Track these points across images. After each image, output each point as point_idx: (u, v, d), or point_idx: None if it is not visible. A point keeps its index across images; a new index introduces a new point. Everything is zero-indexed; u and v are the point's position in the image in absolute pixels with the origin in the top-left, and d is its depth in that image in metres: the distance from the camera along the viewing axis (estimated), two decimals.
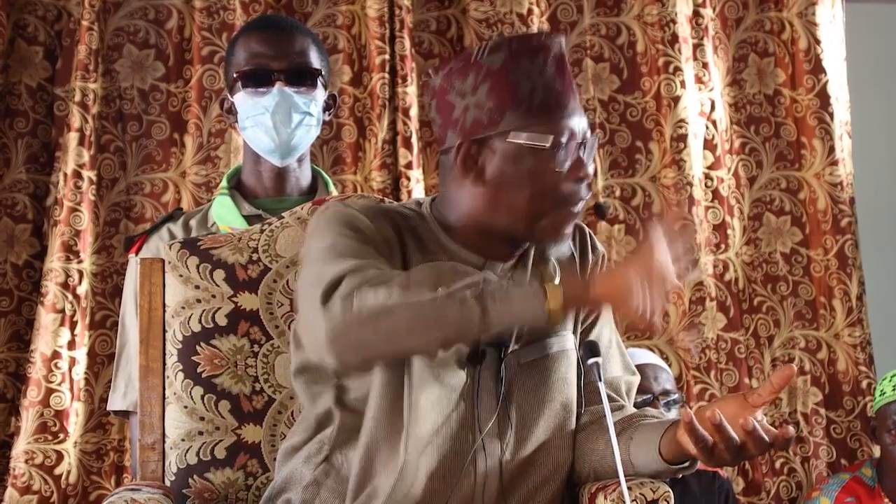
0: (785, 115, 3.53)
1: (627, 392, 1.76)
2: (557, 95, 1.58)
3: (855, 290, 3.43)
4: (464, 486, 1.59)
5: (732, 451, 1.45)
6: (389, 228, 1.60)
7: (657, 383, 2.91)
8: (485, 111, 1.57)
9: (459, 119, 1.59)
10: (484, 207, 1.60)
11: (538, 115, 1.56)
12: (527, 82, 1.57)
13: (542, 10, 3.41)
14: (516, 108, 1.56)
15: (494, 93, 1.56)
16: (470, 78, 1.58)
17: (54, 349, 2.95)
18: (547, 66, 1.58)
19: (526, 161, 1.56)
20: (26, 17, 3.18)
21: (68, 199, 3.02)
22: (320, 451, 1.63)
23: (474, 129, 1.58)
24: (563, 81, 1.59)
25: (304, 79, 2.20)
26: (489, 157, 1.58)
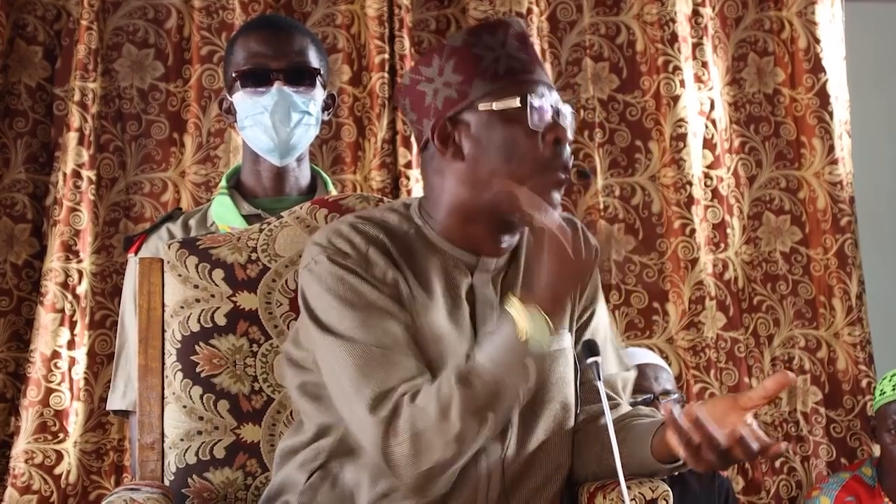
0: (784, 115, 3.53)
1: (623, 388, 1.76)
2: (522, 63, 1.60)
3: (855, 289, 3.42)
4: (465, 487, 1.59)
5: (716, 451, 1.43)
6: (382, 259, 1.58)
7: (657, 383, 2.91)
8: (453, 87, 1.59)
9: (431, 104, 1.60)
10: (467, 186, 1.60)
11: (505, 79, 1.58)
12: (490, 53, 1.59)
13: (542, 10, 3.41)
14: (482, 77, 1.58)
15: (459, 67, 1.59)
16: (434, 61, 1.61)
17: (54, 349, 2.95)
18: (508, 40, 1.61)
19: (499, 127, 1.57)
20: (26, 17, 3.18)
21: (68, 199, 3.02)
22: (316, 458, 1.62)
23: (446, 106, 1.59)
24: (526, 53, 1.62)
25: (303, 78, 2.20)
26: (464, 131, 1.59)
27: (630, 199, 3.40)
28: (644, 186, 3.40)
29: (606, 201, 3.38)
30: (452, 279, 1.62)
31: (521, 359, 1.47)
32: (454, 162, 1.60)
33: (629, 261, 3.24)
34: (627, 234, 3.38)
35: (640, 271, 3.37)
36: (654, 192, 3.39)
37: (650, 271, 3.37)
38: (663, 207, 3.38)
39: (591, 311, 1.75)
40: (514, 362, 1.48)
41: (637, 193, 3.40)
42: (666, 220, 3.38)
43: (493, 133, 1.57)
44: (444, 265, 1.62)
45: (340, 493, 1.59)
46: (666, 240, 3.37)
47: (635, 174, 3.41)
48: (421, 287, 1.59)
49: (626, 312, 3.31)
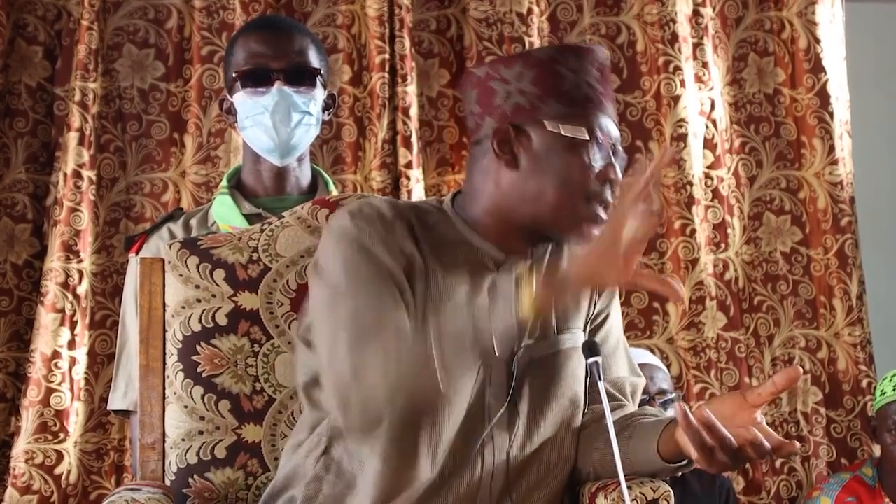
0: (785, 115, 3.53)
1: (632, 394, 1.77)
2: (598, 95, 1.62)
3: (855, 289, 3.42)
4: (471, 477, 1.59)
5: (729, 451, 1.43)
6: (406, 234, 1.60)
7: (653, 383, 2.91)
8: (527, 97, 1.60)
9: (501, 104, 1.62)
10: (512, 195, 1.62)
11: (579, 108, 1.60)
12: (572, 76, 1.60)
13: (542, 10, 3.41)
14: (558, 99, 1.59)
15: (539, 80, 1.60)
16: (516, 66, 1.62)
17: (54, 349, 2.95)
18: (592, 67, 1.62)
19: (560, 152, 1.59)
20: (26, 17, 3.18)
21: (68, 199, 3.02)
22: (319, 444, 1.63)
23: (515, 114, 1.61)
24: (604, 85, 1.64)
25: (304, 78, 2.20)
26: (525, 144, 1.60)
27: None
28: None
29: None
30: (477, 272, 1.63)
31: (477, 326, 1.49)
32: (506, 169, 1.61)
33: None
34: None
35: None
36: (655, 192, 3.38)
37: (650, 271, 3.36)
38: (664, 208, 3.38)
39: (606, 314, 1.76)
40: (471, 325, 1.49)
41: None
42: (666, 221, 3.38)
43: (552, 155, 1.59)
44: (471, 257, 1.64)
45: (345, 481, 1.60)
46: (666, 240, 3.37)
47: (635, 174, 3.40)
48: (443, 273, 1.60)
49: (626, 312, 3.31)
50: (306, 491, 1.61)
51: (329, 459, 1.62)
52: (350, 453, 1.60)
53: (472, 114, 1.67)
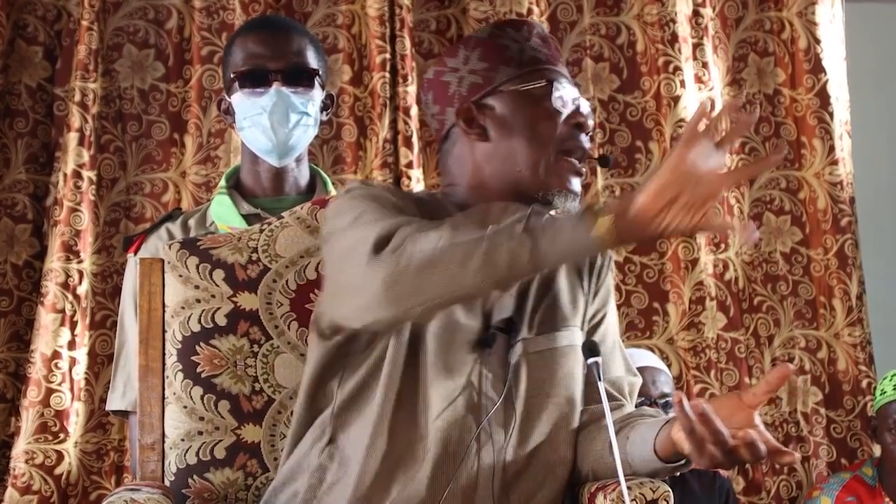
0: (785, 115, 3.53)
1: (630, 393, 1.77)
2: (546, 55, 1.67)
3: (855, 289, 3.43)
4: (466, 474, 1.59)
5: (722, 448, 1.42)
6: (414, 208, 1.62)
7: (655, 387, 2.91)
8: (479, 74, 1.65)
9: (456, 91, 1.66)
10: (489, 164, 1.64)
11: (530, 66, 1.65)
12: (515, 44, 1.66)
13: (542, 10, 3.41)
14: (508, 64, 1.65)
15: (486, 55, 1.65)
16: (460, 52, 1.67)
17: (54, 349, 2.95)
18: (532, 36, 1.68)
19: (524, 107, 1.63)
20: (26, 17, 3.18)
21: (68, 199, 3.02)
22: (323, 435, 1.63)
23: (471, 92, 1.65)
24: (549, 49, 1.68)
25: (302, 79, 2.20)
26: (489, 113, 1.64)
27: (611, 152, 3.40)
28: None
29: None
30: None
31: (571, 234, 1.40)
32: (477, 143, 1.64)
33: None
34: None
35: (641, 272, 3.37)
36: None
37: (650, 272, 3.37)
38: None
39: (603, 313, 1.76)
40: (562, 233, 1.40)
41: None
42: None
43: (517, 113, 1.63)
44: None
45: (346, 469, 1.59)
46: (666, 240, 3.37)
47: (636, 174, 3.41)
48: None
49: (626, 313, 3.31)
50: (310, 481, 1.61)
51: (333, 448, 1.61)
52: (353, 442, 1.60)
53: (433, 117, 1.71)
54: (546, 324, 1.67)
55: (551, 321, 1.67)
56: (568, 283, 1.71)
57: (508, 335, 1.64)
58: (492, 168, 1.64)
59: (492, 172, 1.64)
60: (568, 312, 1.69)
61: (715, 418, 1.41)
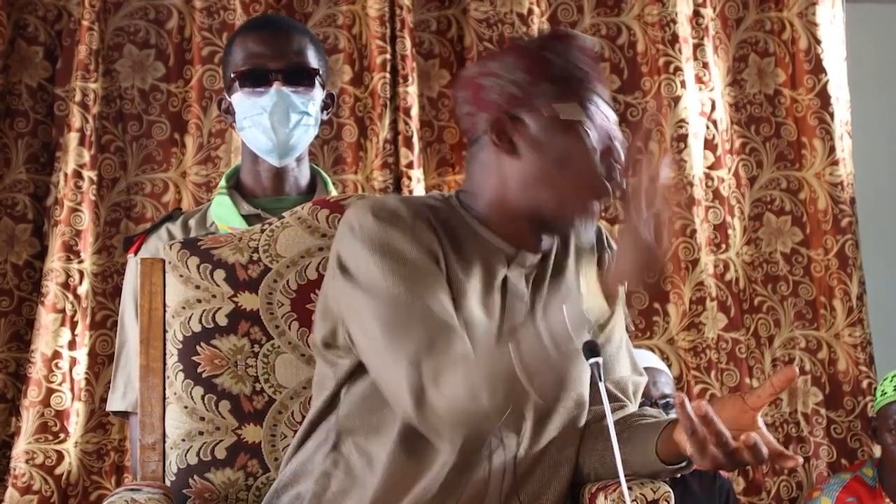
0: (785, 115, 3.53)
1: (634, 393, 1.77)
2: (591, 79, 1.63)
3: (855, 289, 3.43)
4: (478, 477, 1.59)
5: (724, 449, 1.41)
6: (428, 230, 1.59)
7: (655, 388, 2.91)
8: (519, 86, 1.61)
9: (494, 99, 1.62)
10: (515, 183, 1.61)
11: (570, 89, 1.61)
12: (561, 62, 1.62)
13: (543, 10, 3.41)
14: (550, 83, 1.60)
15: (530, 69, 1.61)
16: (505, 59, 1.63)
17: (55, 349, 2.95)
18: (581, 55, 1.64)
19: (558, 133, 1.59)
20: (26, 17, 3.18)
21: (69, 199, 3.02)
22: (327, 440, 1.63)
23: (509, 104, 1.61)
24: (596, 71, 1.64)
25: (302, 78, 2.19)
26: (522, 130, 1.61)
27: None
28: None
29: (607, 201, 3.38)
30: (490, 266, 1.63)
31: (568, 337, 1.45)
32: (507, 158, 1.62)
33: None
34: None
35: None
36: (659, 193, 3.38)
37: None
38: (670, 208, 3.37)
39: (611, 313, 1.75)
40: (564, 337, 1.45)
41: None
42: None
43: (550, 136, 1.59)
44: (483, 251, 1.63)
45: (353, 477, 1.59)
46: None
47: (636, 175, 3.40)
48: (460, 268, 1.60)
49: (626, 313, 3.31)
50: (315, 487, 1.61)
51: (338, 455, 1.61)
52: (360, 450, 1.60)
53: (465, 115, 1.67)
54: None
55: None
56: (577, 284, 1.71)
57: None
58: (516, 187, 1.61)
59: (516, 192, 1.61)
60: None
61: (717, 420, 1.41)
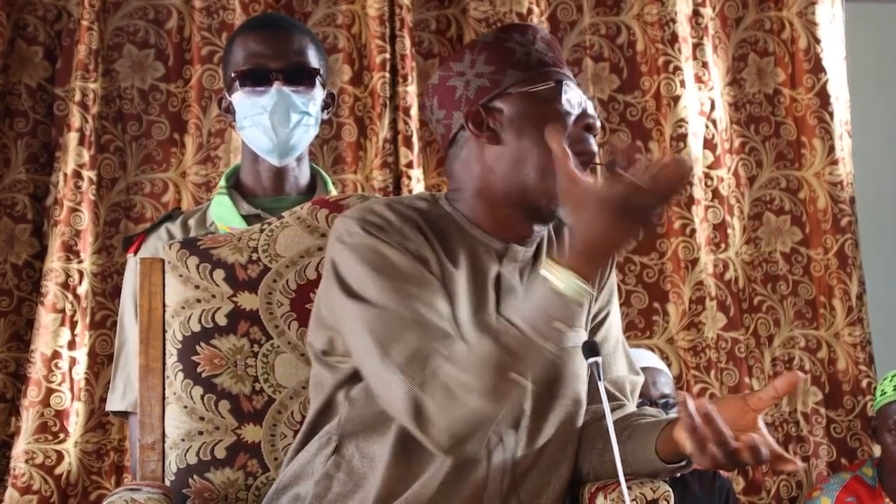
0: (785, 115, 3.53)
1: (632, 392, 1.77)
2: (552, 58, 1.67)
3: (855, 289, 3.43)
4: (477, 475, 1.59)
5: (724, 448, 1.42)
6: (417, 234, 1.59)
7: (655, 388, 2.91)
8: (486, 77, 1.64)
9: (463, 95, 1.64)
10: (498, 167, 1.62)
11: (537, 68, 1.64)
12: (521, 47, 1.65)
13: (542, 10, 3.41)
14: (515, 66, 1.64)
15: (492, 59, 1.64)
16: (466, 56, 1.66)
17: (54, 349, 2.95)
18: (537, 40, 1.67)
19: (533, 109, 1.61)
20: (26, 17, 3.18)
21: (68, 199, 3.02)
22: (329, 442, 1.63)
23: (479, 95, 1.64)
24: (554, 53, 1.68)
25: (303, 78, 2.19)
26: (498, 116, 1.63)
27: None
28: None
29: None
30: (481, 264, 1.63)
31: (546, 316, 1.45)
32: (489, 146, 1.63)
33: None
34: None
35: (641, 271, 3.37)
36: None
37: (650, 271, 3.37)
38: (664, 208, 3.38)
39: (607, 312, 1.76)
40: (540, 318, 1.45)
41: None
42: (666, 221, 3.38)
43: (526, 114, 1.62)
44: (473, 250, 1.63)
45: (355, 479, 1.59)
46: (666, 240, 3.38)
47: None
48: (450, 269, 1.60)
49: (626, 313, 3.31)
50: (316, 488, 1.61)
51: (339, 458, 1.61)
52: (361, 452, 1.60)
53: (438, 122, 1.69)
54: None
55: None
56: None
57: None
58: (501, 171, 1.62)
59: (500, 176, 1.62)
60: None
61: (718, 418, 1.41)
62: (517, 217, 1.64)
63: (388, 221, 1.58)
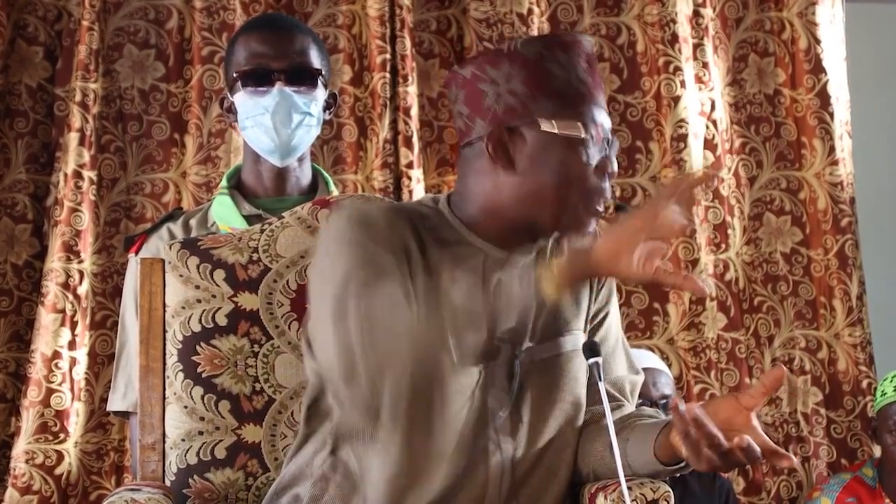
0: (785, 115, 3.53)
1: (631, 392, 1.77)
2: (590, 89, 1.61)
3: (855, 289, 3.43)
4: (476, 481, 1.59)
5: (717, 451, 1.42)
6: (408, 232, 1.59)
7: (655, 389, 2.91)
8: (518, 98, 1.59)
9: (491, 107, 1.60)
10: (510, 197, 1.61)
11: (571, 106, 1.59)
12: (561, 73, 1.59)
13: (542, 10, 3.41)
14: (550, 98, 1.58)
15: (529, 80, 1.59)
16: (504, 66, 1.60)
17: (55, 349, 2.95)
18: (580, 61, 1.61)
19: (556, 150, 1.58)
20: (26, 17, 3.18)
21: (68, 199, 3.02)
22: (325, 444, 1.63)
23: (506, 115, 1.59)
24: (593, 77, 1.62)
25: (305, 79, 2.19)
26: (520, 145, 1.59)
27: (631, 199, 3.40)
28: (645, 187, 3.40)
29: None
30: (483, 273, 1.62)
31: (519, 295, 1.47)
32: (503, 171, 1.60)
33: None
34: None
35: None
36: (655, 192, 3.39)
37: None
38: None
39: (605, 312, 1.76)
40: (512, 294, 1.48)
41: (638, 194, 3.40)
42: None
43: (548, 154, 1.58)
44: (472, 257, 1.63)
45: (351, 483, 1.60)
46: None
47: (636, 175, 3.41)
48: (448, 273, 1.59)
49: (626, 313, 3.31)
50: (313, 490, 1.61)
51: (336, 460, 1.62)
52: (357, 455, 1.60)
53: (460, 115, 1.66)
54: (549, 330, 1.66)
55: (554, 327, 1.67)
56: None
57: (513, 346, 1.63)
58: (511, 200, 1.60)
59: (510, 204, 1.61)
60: (570, 316, 1.69)
61: (708, 422, 1.42)
62: (521, 236, 1.64)
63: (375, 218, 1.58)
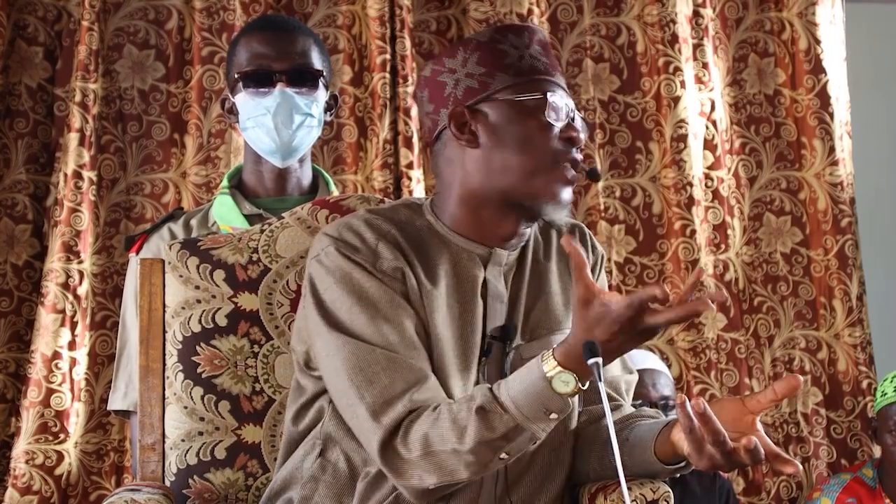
0: (785, 115, 3.53)
1: (627, 391, 1.77)
2: (545, 64, 1.64)
3: (855, 290, 3.43)
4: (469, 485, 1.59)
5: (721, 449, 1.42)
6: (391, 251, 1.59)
7: (655, 390, 2.90)
8: (475, 78, 1.62)
9: (451, 93, 1.63)
10: (479, 173, 1.62)
11: (527, 76, 1.62)
12: (514, 51, 1.63)
13: (542, 10, 3.41)
14: (506, 71, 1.62)
15: (484, 60, 1.63)
16: (459, 54, 1.64)
17: (55, 349, 2.95)
18: (532, 42, 1.65)
19: (518, 118, 1.60)
20: (26, 18, 3.18)
21: (68, 200, 3.02)
22: (314, 447, 1.64)
23: (466, 96, 1.62)
24: (548, 58, 1.66)
25: (306, 80, 2.19)
26: (482, 120, 1.62)
27: (630, 200, 3.40)
28: (644, 187, 3.40)
29: (607, 202, 3.39)
30: (466, 273, 1.63)
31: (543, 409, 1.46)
32: (468, 149, 1.62)
33: None
34: (628, 236, 3.38)
35: (641, 272, 3.37)
36: (655, 193, 3.39)
37: (651, 272, 3.37)
38: (664, 208, 3.39)
39: None
40: (537, 412, 1.47)
41: (637, 194, 3.40)
42: (666, 222, 3.38)
43: (510, 124, 1.60)
44: (456, 259, 1.63)
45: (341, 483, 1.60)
46: (666, 241, 3.38)
47: (636, 175, 3.41)
48: (430, 282, 1.60)
49: None
50: (303, 491, 1.62)
51: (325, 461, 1.62)
52: (347, 457, 1.61)
53: (427, 115, 1.69)
54: (540, 328, 1.67)
55: (546, 325, 1.67)
56: (560, 284, 1.71)
57: (504, 344, 1.63)
58: (481, 177, 1.61)
59: (481, 181, 1.62)
60: (561, 315, 1.69)
61: (714, 419, 1.41)
62: (500, 218, 1.64)
63: (363, 240, 1.59)
